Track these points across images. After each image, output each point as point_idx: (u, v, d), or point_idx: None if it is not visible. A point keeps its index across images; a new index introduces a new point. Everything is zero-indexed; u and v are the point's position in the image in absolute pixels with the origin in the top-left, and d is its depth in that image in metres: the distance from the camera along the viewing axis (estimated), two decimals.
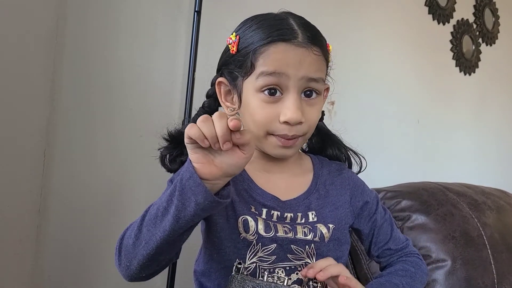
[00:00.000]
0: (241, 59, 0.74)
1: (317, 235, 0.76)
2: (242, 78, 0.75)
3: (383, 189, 1.29)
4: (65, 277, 1.12)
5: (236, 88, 0.77)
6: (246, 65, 0.74)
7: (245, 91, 0.75)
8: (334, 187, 0.83)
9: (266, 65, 0.72)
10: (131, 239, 0.65)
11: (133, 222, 0.68)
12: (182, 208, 0.60)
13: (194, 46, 1.23)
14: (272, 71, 0.71)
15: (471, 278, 1.13)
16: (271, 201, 0.77)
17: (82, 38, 1.14)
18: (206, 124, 0.58)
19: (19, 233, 1.03)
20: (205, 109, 0.83)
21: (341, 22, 1.68)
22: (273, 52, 0.72)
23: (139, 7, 1.23)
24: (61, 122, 1.11)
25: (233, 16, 1.37)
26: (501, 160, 2.42)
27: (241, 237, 0.73)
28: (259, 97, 0.73)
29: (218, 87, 0.80)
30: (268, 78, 0.72)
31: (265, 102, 0.73)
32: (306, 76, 0.73)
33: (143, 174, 1.23)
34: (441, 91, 2.10)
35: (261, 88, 0.73)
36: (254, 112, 0.74)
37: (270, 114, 0.73)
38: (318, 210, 0.79)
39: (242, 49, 0.75)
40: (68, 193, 1.12)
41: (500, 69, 2.41)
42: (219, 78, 0.79)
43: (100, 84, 1.17)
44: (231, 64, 0.77)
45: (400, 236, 0.88)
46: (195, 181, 0.60)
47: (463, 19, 2.20)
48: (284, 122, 0.72)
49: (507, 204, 1.40)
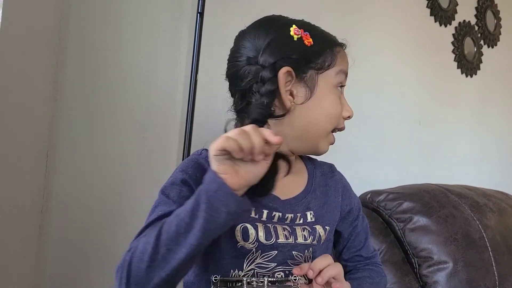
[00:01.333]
0: (318, 51, 0.75)
1: (315, 237, 0.76)
2: (316, 72, 0.75)
3: (384, 191, 1.29)
4: (67, 277, 1.12)
5: (305, 81, 0.74)
6: (324, 59, 0.76)
7: (322, 86, 0.76)
8: (328, 188, 0.84)
9: (343, 64, 0.78)
10: (143, 263, 0.61)
11: (136, 245, 0.64)
12: (211, 221, 0.60)
13: (196, 48, 1.23)
14: (346, 71, 0.79)
15: (473, 280, 1.14)
16: (272, 201, 0.76)
17: (84, 39, 1.14)
18: (243, 137, 0.60)
19: (21, 233, 1.03)
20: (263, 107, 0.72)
21: (342, 23, 1.68)
22: (343, 55, 0.80)
23: (142, 9, 1.23)
24: (63, 122, 1.11)
25: (236, 18, 1.38)
26: (503, 162, 2.41)
27: (239, 245, 0.72)
28: (336, 92, 0.78)
29: (284, 76, 0.73)
30: (343, 76, 0.79)
31: (339, 98, 0.78)
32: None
33: (146, 174, 1.23)
34: (443, 93, 2.10)
35: (338, 84, 0.78)
36: (331, 107, 0.77)
37: (340, 109, 0.78)
38: (316, 211, 0.79)
39: (317, 42, 0.76)
40: (71, 193, 1.12)
41: (502, 71, 2.41)
42: (285, 67, 0.73)
43: (102, 85, 1.17)
44: (300, 55, 0.74)
45: (371, 246, 0.90)
46: (226, 192, 0.60)
47: (464, 21, 2.20)
48: (347, 117, 0.79)
49: (508, 206, 1.40)
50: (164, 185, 0.74)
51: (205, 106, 1.26)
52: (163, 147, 1.27)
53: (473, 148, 2.26)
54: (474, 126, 2.26)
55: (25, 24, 1.00)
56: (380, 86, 1.82)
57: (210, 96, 1.27)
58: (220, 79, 0.82)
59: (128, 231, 1.20)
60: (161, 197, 0.72)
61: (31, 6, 1.02)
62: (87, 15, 1.15)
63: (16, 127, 1.00)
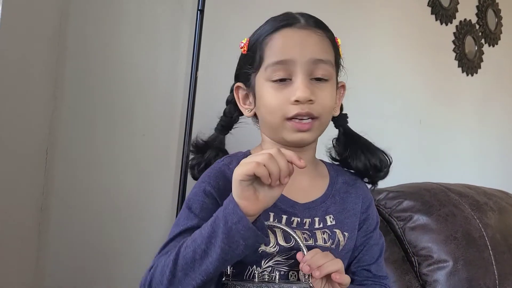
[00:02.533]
0: (251, 55, 0.78)
1: (334, 241, 0.76)
2: (254, 74, 0.78)
3: (384, 189, 1.29)
4: (67, 276, 1.12)
5: (251, 87, 0.79)
6: (255, 60, 0.77)
7: (257, 85, 0.77)
8: (349, 195, 0.82)
9: (272, 55, 0.75)
10: (162, 285, 0.64)
11: (157, 265, 0.67)
12: (229, 251, 0.61)
13: (197, 45, 1.23)
14: (278, 60, 0.74)
15: (473, 279, 1.13)
16: (292, 207, 0.76)
17: (85, 37, 1.14)
18: (271, 161, 0.61)
19: (20, 232, 1.03)
20: (227, 116, 0.85)
21: (343, 21, 1.68)
22: (277, 38, 0.75)
23: (142, 6, 1.23)
24: (63, 120, 1.11)
25: (236, 15, 1.38)
26: (504, 161, 2.41)
27: (260, 250, 0.72)
28: (269, 85, 0.75)
29: (236, 92, 0.82)
30: (276, 66, 0.74)
31: (275, 89, 0.75)
32: (312, 58, 0.74)
33: (145, 172, 1.23)
34: (443, 91, 2.10)
35: (270, 77, 0.75)
36: (267, 101, 0.76)
37: (282, 98, 0.74)
38: (335, 215, 0.78)
39: (251, 46, 0.78)
40: (70, 191, 1.12)
41: (503, 70, 2.40)
42: (237, 83, 0.82)
43: (102, 82, 1.17)
44: (244, 64, 0.80)
45: (383, 267, 0.87)
46: (246, 226, 0.61)
47: (465, 19, 2.19)
48: (295, 101, 0.73)
49: (509, 205, 1.40)
50: (188, 196, 0.76)
51: (205, 104, 1.26)
52: (163, 145, 1.26)
53: (474, 147, 2.25)
54: (474, 125, 2.25)
55: (25, 22, 0.99)
56: (381, 84, 1.82)
57: (210, 94, 1.27)
58: (221, 77, 0.83)
59: (128, 229, 1.20)
60: (184, 211, 0.74)
61: (31, 4, 1.01)
62: (87, 13, 1.14)
63: (16, 125, 1.00)
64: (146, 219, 1.23)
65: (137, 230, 1.22)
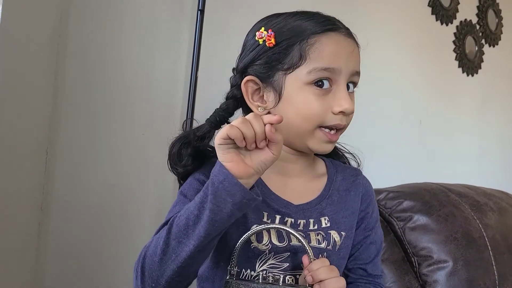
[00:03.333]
0: (283, 51, 0.71)
1: (330, 243, 0.75)
2: (284, 73, 0.71)
3: (384, 190, 1.29)
4: (67, 275, 1.12)
5: (273, 84, 0.72)
6: (290, 58, 0.71)
7: (289, 86, 0.71)
8: (347, 193, 0.81)
9: (320, 59, 0.70)
10: (156, 256, 0.64)
11: (152, 240, 0.66)
12: (218, 211, 0.60)
13: (197, 45, 1.23)
14: (327, 66, 0.70)
15: (473, 279, 1.13)
16: (285, 207, 0.75)
17: (84, 36, 1.14)
18: (245, 125, 0.60)
19: (21, 231, 1.03)
20: (223, 112, 0.76)
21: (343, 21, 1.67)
22: (326, 43, 0.71)
23: (142, 6, 1.23)
24: (63, 119, 1.11)
25: (236, 15, 1.38)
26: (504, 161, 2.41)
27: (252, 246, 0.72)
28: (309, 90, 0.70)
29: (245, 87, 0.74)
30: (322, 73, 0.70)
31: (316, 95, 0.70)
32: (354, 70, 0.73)
33: (145, 171, 1.23)
34: (444, 91, 2.10)
35: (313, 81, 0.70)
36: (304, 106, 0.71)
37: (324, 106, 0.71)
38: (331, 216, 0.77)
39: (283, 41, 0.71)
40: (70, 190, 1.12)
41: (503, 70, 2.40)
42: (247, 76, 0.74)
43: (102, 82, 1.17)
44: (266, 59, 0.72)
45: (379, 266, 0.85)
46: (231, 181, 0.60)
47: (466, 19, 2.19)
48: (339, 112, 0.71)
49: (509, 206, 1.40)
50: (183, 185, 0.76)
51: (205, 103, 1.25)
52: (163, 144, 1.25)
53: (474, 147, 2.25)
54: (475, 125, 2.25)
55: (25, 22, 0.99)
56: (381, 84, 1.82)
57: (211, 93, 1.26)
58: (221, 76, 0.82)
59: (128, 228, 1.20)
60: (179, 197, 0.74)
61: (31, 3, 1.01)
62: (87, 13, 1.14)
63: (16, 124, 1.00)
64: (146, 219, 1.23)
65: (137, 230, 1.22)
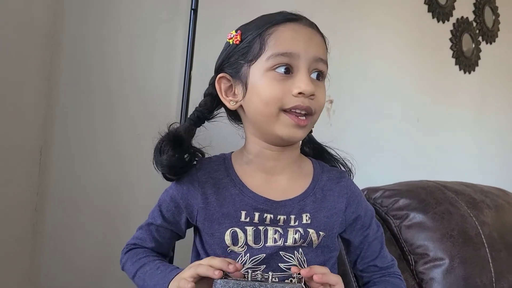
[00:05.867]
0: (247, 45, 0.75)
1: (306, 240, 0.76)
2: (248, 65, 0.75)
3: (381, 188, 1.28)
4: (62, 276, 1.12)
5: (240, 78, 0.76)
6: (253, 50, 0.74)
7: (252, 76, 0.75)
8: (331, 193, 0.81)
9: (278, 45, 0.73)
10: (130, 276, 0.82)
11: (125, 261, 0.84)
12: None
13: (191, 45, 1.22)
14: (284, 51, 0.72)
15: (469, 276, 1.13)
16: (264, 203, 0.76)
17: (78, 36, 1.14)
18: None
19: (15, 232, 1.03)
20: (201, 108, 0.82)
21: (340, 20, 1.68)
22: (283, 31, 0.74)
23: (136, 5, 1.22)
24: (57, 120, 1.11)
25: (230, 14, 1.38)
26: (503, 158, 2.41)
27: (229, 250, 0.74)
28: (269, 75, 0.73)
29: (219, 83, 0.79)
30: (280, 58, 0.73)
31: (276, 80, 0.73)
32: (316, 56, 0.74)
33: (140, 172, 1.22)
34: (441, 89, 2.10)
35: (272, 67, 0.73)
36: (264, 90, 0.73)
37: (282, 89, 0.73)
38: (312, 213, 0.77)
39: (247, 37, 0.76)
40: (65, 191, 1.12)
41: (500, 67, 2.40)
42: (220, 74, 0.79)
43: (96, 82, 1.17)
44: (234, 55, 0.77)
45: (387, 255, 0.87)
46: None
47: (462, 17, 2.19)
48: (298, 93, 0.72)
49: (505, 203, 1.40)
50: (162, 195, 0.85)
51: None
52: None
53: (472, 144, 2.25)
54: (473, 122, 2.25)
55: (18, 21, 0.99)
56: (378, 83, 1.81)
57: None
58: None
59: (123, 229, 1.20)
60: (156, 208, 0.85)
61: (24, 3, 1.01)
62: (81, 12, 1.14)
63: (10, 125, 1.00)
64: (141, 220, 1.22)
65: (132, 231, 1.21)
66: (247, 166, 0.80)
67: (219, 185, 0.78)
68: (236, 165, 0.81)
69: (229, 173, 0.80)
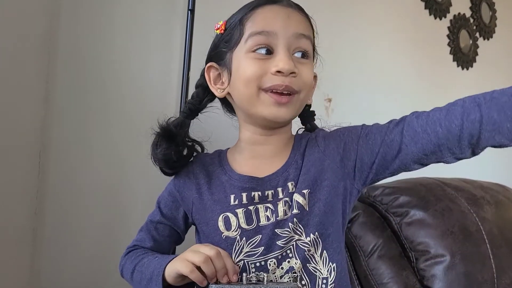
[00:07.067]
0: (230, 33, 0.76)
1: (294, 207, 0.73)
2: (231, 51, 0.75)
3: (380, 185, 1.28)
4: (62, 279, 1.11)
5: (226, 65, 0.77)
6: (234, 36, 0.75)
7: (234, 61, 0.75)
8: (311, 152, 0.77)
9: (254, 25, 0.73)
10: (127, 279, 0.82)
11: (123, 264, 0.83)
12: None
13: (188, 45, 1.22)
14: (260, 30, 0.73)
15: (470, 273, 1.13)
16: (249, 182, 0.76)
17: (76, 37, 1.13)
18: (208, 265, 0.68)
19: (15, 236, 1.03)
20: (194, 99, 0.83)
21: (337, 17, 1.68)
22: (260, 12, 0.74)
23: (133, 6, 1.22)
24: (56, 122, 1.10)
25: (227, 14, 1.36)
26: (501, 154, 2.40)
27: (223, 236, 0.74)
28: (249, 57, 0.73)
29: (207, 73, 0.80)
30: (257, 37, 0.73)
31: (256, 60, 0.72)
32: (296, 32, 0.73)
33: (139, 174, 1.22)
34: (439, 86, 2.10)
35: (251, 48, 0.73)
36: (244, 71, 0.73)
37: (261, 68, 0.72)
38: (296, 179, 0.75)
39: (230, 25, 0.77)
40: (64, 194, 1.12)
41: (498, 63, 2.40)
42: (208, 63, 0.80)
43: (94, 84, 1.16)
44: (220, 45, 0.78)
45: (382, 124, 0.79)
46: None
47: (459, 13, 2.19)
48: (276, 72, 0.71)
49: (506, 199, 1.40)
50: (162, 193, 0.86)
51: None
52: None
53: None
54: None
55: (15, 24, 0.99)
56: (375, 80, 1.81)
57: None
58: None
59: (122, 232, 1.20)
60: (156, 206, 0.86)
61: (21, 6, 1.01)
62: (78, 14, 1.14)
63: (8, 128, 0.99)
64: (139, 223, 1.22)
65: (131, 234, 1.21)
66: (239, 155, 0.81)
67: (211, 175, 0.79)
68: (229, 156, 0.82)
69: (221, 163, 0.81)
